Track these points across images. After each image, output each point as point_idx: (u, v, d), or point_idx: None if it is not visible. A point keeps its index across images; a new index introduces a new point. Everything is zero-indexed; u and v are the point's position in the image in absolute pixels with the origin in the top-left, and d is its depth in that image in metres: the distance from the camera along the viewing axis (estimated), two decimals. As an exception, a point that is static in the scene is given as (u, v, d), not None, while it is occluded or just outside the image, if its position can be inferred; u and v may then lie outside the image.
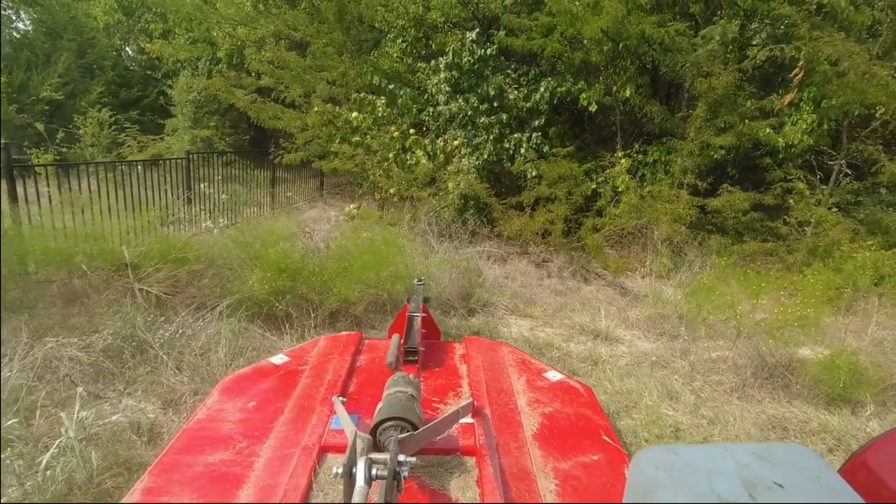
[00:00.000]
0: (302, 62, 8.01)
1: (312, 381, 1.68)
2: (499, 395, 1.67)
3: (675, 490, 0.87)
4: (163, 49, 11.18)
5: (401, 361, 1.83)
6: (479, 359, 1.89)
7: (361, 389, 1.69)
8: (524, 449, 1.42)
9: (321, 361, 1.82)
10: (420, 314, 2.04)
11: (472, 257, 5.26)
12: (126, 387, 2.57)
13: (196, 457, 1.34)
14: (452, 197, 6.72)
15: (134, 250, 3.61)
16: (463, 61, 6.72)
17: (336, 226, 7.68)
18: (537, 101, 7.10)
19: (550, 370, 1.91)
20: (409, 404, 1.32)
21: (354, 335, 2.06)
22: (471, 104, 6.80)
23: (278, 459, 1.32)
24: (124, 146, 9.52)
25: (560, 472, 1.36)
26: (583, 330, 4.02)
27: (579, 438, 1.52)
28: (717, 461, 0.92)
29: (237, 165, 8.69)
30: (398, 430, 1.25)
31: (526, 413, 1.61)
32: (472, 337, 2.17)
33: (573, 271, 6.59)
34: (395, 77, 7.99)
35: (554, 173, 6.44)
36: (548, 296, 5.25)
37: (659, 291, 5.02)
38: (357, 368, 1.84)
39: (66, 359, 2.53)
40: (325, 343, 1.99)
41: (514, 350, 2.06)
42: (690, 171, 6.56)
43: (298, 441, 1.37)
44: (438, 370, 1.88)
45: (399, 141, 7.16)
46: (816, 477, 0.89)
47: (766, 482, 0.87)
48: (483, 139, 6.94)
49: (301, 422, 1.46)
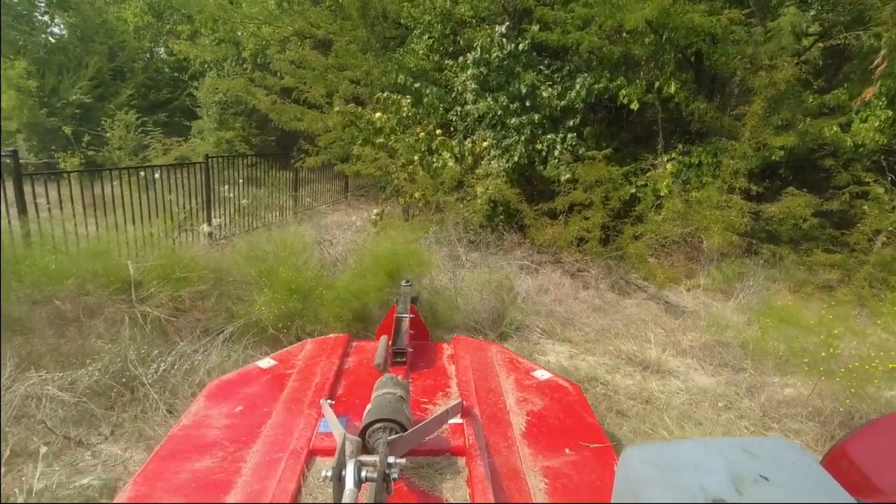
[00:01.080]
0: (324, 61, 7.72)
1: (300, 385, 1.65)
2: (487, 394, 1.66)
3: (664, 486, 0.88)
4: (189, 50, 11.12)
5: (389, 363, 1.81)
6: (468, 359, 1.87)
7: (350, 392, 1.67)
8: (514, 448, 1.42)
9: (309, 364, 1.80)
10: (408, 315, 2.02)
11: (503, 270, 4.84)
12: (113, 431, 2.28)
13: (182, 463, 1.31)
14: (481, 202, 6.31)
15: (139, 265, 3.34)
16: (492, 57, 6.29)
17: (358, 231, 7.37)
18: (572, 99, 6.61)
19: (539, 369, 1.89)
20: (397, 406, 1.30)
21: (342, 337, 2.03)
22: (500, 103, 6.37)
23: (266, 464, 1.29)
24: (149, 149, 9.46)
25: (549, 470, 1.36)
26: (630, 359, 3.55)
27: (568, 436, 1.51)
28: (705, 456, 0.93)
29: (260, 168, 8.47)
30: (387, 431, 1.23)
31: (515, 412, 1.61)
32: (460, 337, 2.13)
33: (611, 283, 6.10)
34: (421, 75, 7.61)
35: (591, 177, 5.95)
36: (586, 313, 4.79)
37: (713, 311, 4.48)
38: (345, 371, 1.81)
39: (47, 398, 2.26)
40: (313, 346, 1.96)
41: (502, 349, 2.04)
42: (743, 174, 5.97)
43: (286, 445, 1.35)
44: (427, 371, 1.86)
45: (425, 142, 6.78)
46: (800, 469, 0.91)
47: (752, 476, 0.87)
48: (514, 140, 6.50)
49: (289, 425, 1.44)
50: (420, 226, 5.99)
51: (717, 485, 0.86)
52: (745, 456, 0.93)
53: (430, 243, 5.69)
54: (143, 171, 6.16)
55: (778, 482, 0.87)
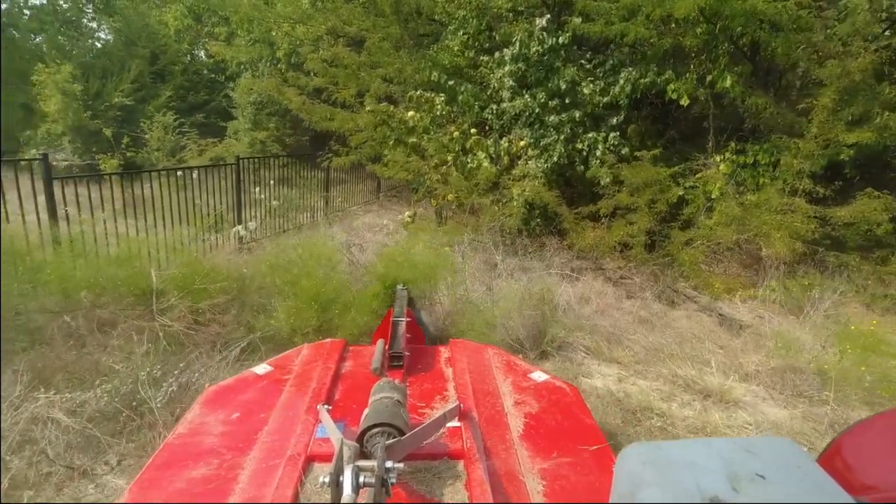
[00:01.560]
0: (356, 59, 7.54)
1: (296, 390, 1.64)
2: (485, 397, 1.65)
3: (661, 486, 0.88)
4: (225, 51, 11.21)
5: (386, 367, 1.79)
6: (465, 362, 1.86)
7: (347, 396, 1.66)
8: (512, 450, 1.42)
9: (305, 370, 1.78)
10: (404, 319, 2.01)
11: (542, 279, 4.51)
12: (119, 460, 2.11)
13: (179, 471, 1.29)
14: (517, 204, 5.98)
15: (162, 273, 3.21)
16: (531, 52, 5.95)
17: (390, 234, 7.17)
18: (616, 95, 6.20)
19: (536, 370, 1.88)
20: (395, 410, 1.29)
21: (338, 342, 2.00)
22: (539, 100, 6.02)
23: (263, 471, 1.28)
24: (185, 150, 9.55)
25: (548, 472, 1.36)
26: (687, 385, 3.17)
27: (566, 438, 1.51)
28: (702, 456, 0.93)
29: (291, 168, 8.39)
30: (385, 436, 1.22)
31: (513, 414, 1.60)
32: (457, 340, 2.09)
33: (658, 292, 5.68)
34: (456, 72, 7.33)
35: (637, 179, 5.53)
36: (632, 327, 4.41)
37: (779, 329, 4.02)
38: (342, 375, 1.80)
39: (52, 422, 2.11)
40: (309, 351, 1.94)
41: (499, 352, 2.03)
42: (806, 175, 5.43)
43: (284, 451, 1.34)
44: (424, 374, 1.85)
45: (459, 142, 6.50)
46: (797, 467, 0.91)
47: (749, 475, 0.88)
48: (552, 140, 6.14)
49: (286, 431, 1.42)
50: (454, 229, 5.72)
51: (714, 484, 0.86)
52: (742, 455, 0.93)
53: (464, 249, 5.41)
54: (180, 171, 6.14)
55: (774, 481, 0.87)
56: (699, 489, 0.85)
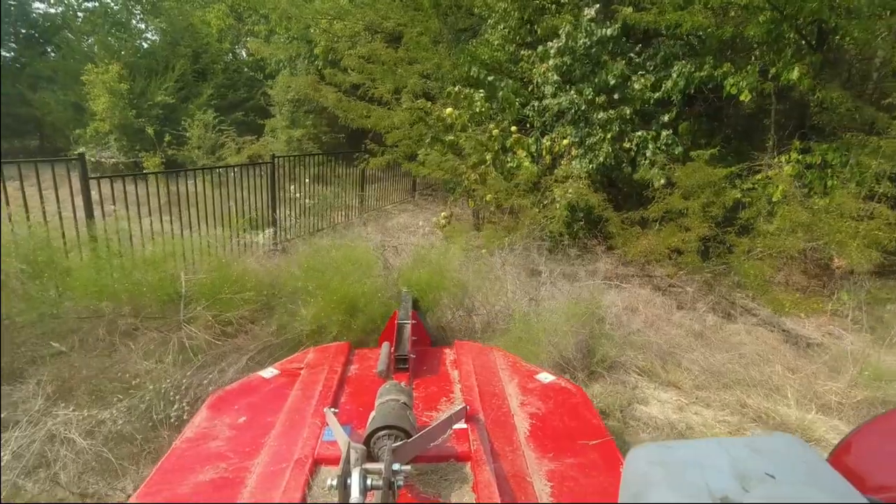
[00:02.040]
0: (394, 55, 7.36)
1: (303, 394, 1.64)
2: (491, 398, 1.64)
3: (670, 486, 0.87)
4: (263, 49, 11.26)
5: (392, 370, 1.78)
6: (471, 363, 1.85)
7: (353, 399, 1.66)
8: (519, 452, 1.40)
9: (311, 373, 1.78)
10: (410, 321, 2.00)
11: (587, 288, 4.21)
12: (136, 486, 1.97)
13: (186, 475, 1.29)
14: (560, 207, 5.66)
15: (192, 278, 3.09)
16: (578, 44, 5.60)
17: (425, 236, 6.97)
18: (668, 90, 5.77)
19: (542, 372, 1.87)
20: (401, 412, 1.28)
21: (344, 345, 2.00)
22: (585, 96, 5.66)
23: (271, 474, 1.27)
24: (224, 147, 9.63)
25: (555, 473, 1.35)
26: (758, 416, 2.81)
27: (573, 439, 1.49)
28: (710, 455, 0.92)
29: (327, 166, 8.30)
30: (392, 438, 1.21)
31: (519, 416, 1.59)
32: (462, 342, 2.09)
33: (711, 303, 5.26)
34: (496, 68, 7.05)
35: (692, 181, 5.11)
36: (686, 341, 4.05)
37: (862, 352, 3.57)
38: (348, 378, 1.80)
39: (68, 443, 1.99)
40: (315, 354, 1.94)
41: (505, 353, 2.02)
42: (887, 177, 4.89)
43: (291, 454, 1.34)
44: (430, 377, 1.84)
45: (498, 140, 6.22)
46: (806, 465, 0.90)
47: (758, 474, 0.86)
48: (598, 138, 5.77)
49: (293, 435, 1.42)
50: (492, 233, 5.45)
51: (724, 484, 0.85)
52: (751, 454, 0.92)
53: (504, 253, 5.14)
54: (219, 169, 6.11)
55: (784, 480, 0.86)
56: (708, 489, 0.84)
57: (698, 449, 0.95)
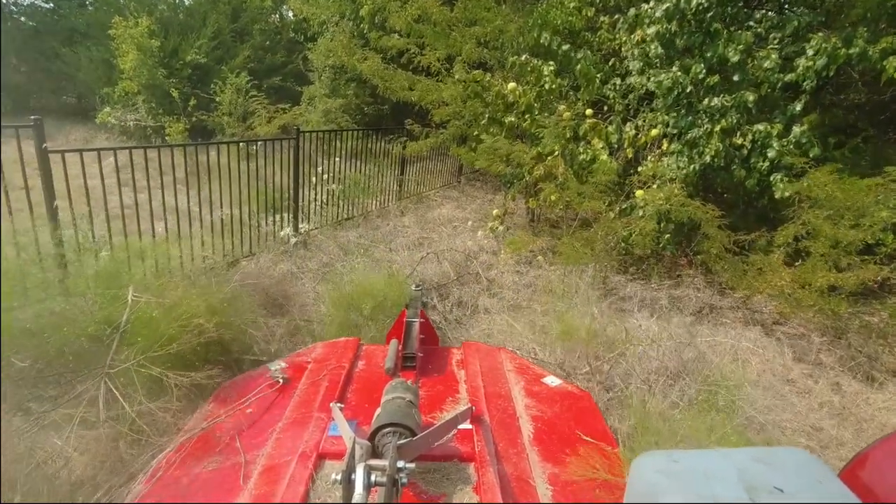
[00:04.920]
0: (448, 14, 6.17)
1: (310, 388, 1.62)
2: (497, 400, 1.61)
3: (676, 495, 0.86)
4: (305, 7, 10.22)
5: (399, 367, 1.74)
6: (478, 364, 1.81)
7: (359, 395, 1.62)
8: (523, 455, 1.40)
9: (319, 368, 1.74)
10: (418, 320, 1.95)
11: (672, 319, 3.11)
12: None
13: (191, 466, 1.30)
14: (646, 217, 4.45)
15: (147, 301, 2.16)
16: (691, 6, 4.28)
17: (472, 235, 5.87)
18: (803, 71, 4.40)
19: (549, 375, 1.85)
20: (407, 410, 1.27)
21: (352, 341, 1.96)
22: (695, 74, 4.37)
23: (275, 467, 1.26)
24: (255, 115, 8.76)
25: (559, 477, 1.34)
26: None
27: (578, 444, 1.48)
28: (718, 466, 0.91)
29: (363, 143, 7.26)
30: (397, 435, 1.19)
31: (524, 418, 1.57)
32: (469, 342, 2.03)
33: (843, 359, 4.06)
34: (570, 35, 5.78)
35: (844, 194, 3.81)
36: (818, 419, 3.00)
37: None
38: (355, 374, 1.75)
39: None
40: (323, 349, 1.91)
41: (512, 355, 1.98)
42: None
43: (296, 448, 1.32)
44: (437, 376, 1.78)
45: (570, 126, 5.02)
46: (817, 481, 0.87)
47: (766, 486, 0.85)
48: (705, 131, 4.49)
49: (298, 429, 1.41)
50: (569, 248, 4.30)
51: (731, 494, 0.83)
52: (760, 466, 0.90)
53: (569, 273, 4.04)
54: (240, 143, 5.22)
55: (793, 494, 0.83)
56: (715, 500, 0.82)
57: (705, 459, 0.93)
